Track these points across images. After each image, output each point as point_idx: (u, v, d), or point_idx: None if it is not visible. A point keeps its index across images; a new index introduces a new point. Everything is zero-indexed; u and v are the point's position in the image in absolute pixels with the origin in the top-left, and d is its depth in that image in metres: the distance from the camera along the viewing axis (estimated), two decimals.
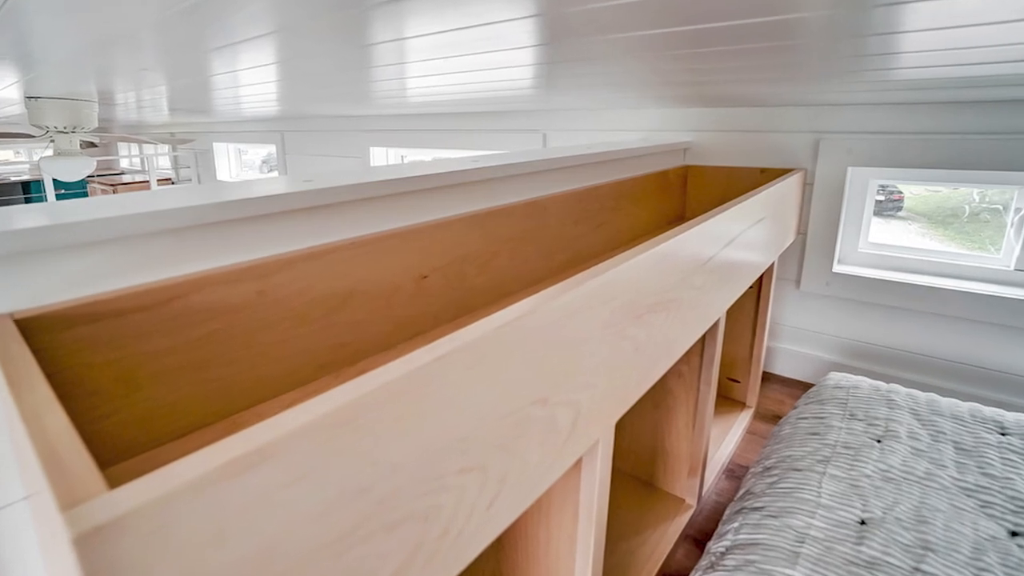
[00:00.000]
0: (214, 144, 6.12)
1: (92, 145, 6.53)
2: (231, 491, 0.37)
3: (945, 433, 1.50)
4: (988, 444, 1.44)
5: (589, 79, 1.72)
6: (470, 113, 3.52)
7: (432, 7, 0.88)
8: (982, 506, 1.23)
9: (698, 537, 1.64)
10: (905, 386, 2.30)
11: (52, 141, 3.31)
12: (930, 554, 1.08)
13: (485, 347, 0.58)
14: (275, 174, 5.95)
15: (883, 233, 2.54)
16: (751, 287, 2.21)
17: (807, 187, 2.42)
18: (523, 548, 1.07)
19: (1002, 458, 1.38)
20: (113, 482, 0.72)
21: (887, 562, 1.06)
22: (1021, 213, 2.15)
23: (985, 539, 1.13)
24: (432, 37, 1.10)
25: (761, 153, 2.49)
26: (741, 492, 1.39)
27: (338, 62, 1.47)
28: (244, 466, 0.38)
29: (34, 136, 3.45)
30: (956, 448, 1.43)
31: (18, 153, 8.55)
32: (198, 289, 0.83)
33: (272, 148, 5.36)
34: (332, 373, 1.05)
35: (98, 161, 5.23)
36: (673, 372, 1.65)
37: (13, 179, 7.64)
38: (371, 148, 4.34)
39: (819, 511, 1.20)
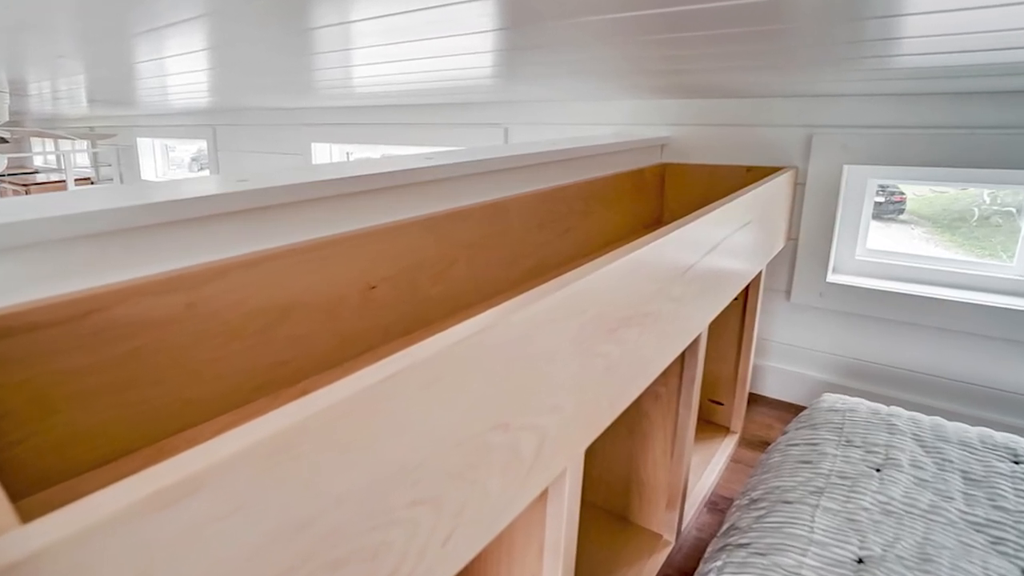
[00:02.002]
0: (138, 140, 6.15)
1: (3, 141, 6.47)
2: (158, 525, 0.38)
3: (952, 461, 1.52)
4: (1000, 473, 1.46)
5: (555, 67, 1.75)
6: (423, 105, 3.54)
7: None
8: (993, 543, 1.25)
9: None
10: (907, 409, 2.35)
11: None
12: None
13: (440, 365, 0.60)
14: (206, 173, 6.03)
15: (883, 239, 2.62)
16: (736, 299, 2.27)
17: (798, 187, 2.49)
18: None
19: (1015, 489, 1.40)
20: (26, 515, 0.73)
21: None
22: None
23: None
24: (380, 20, 1.12)
25: (747, 150, 2.56)
26: (725, 527, 1.42)
27: (276, 48, 1.48)
28: (173, 497, 0.39)
29: None
30: (964, 478, 1.46)
31: None
32: (121, 301, 0.84)
33: (203, 144, 5.45)
34: (270, 394, 1.07)
35: (9, 159, 5.15)
36: (649, 394, 1.69)
37: None
38: (313, 144, 4.38)
39: (812, 548, 1.23)
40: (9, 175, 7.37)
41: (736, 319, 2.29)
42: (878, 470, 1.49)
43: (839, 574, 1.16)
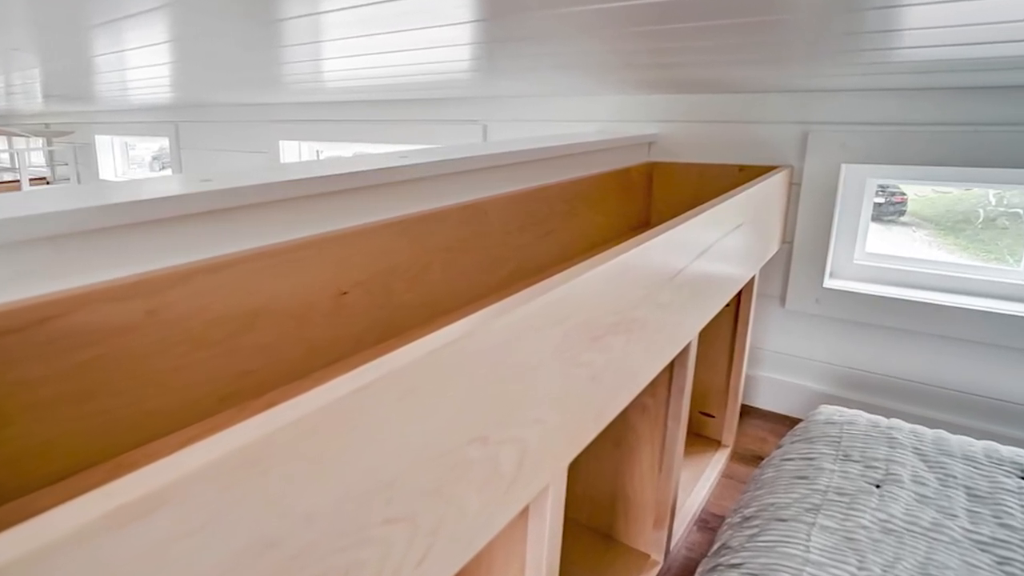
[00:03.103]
0: (96, 137, 6.18)
1: None
2: (118, 544, 0.39)
3: (955, 477, 1.54)
4: (1006, 490, 1.48)
5: (537, 61, 1.76)
6: (398, 101, 3.55)
7: None
8: (999, 563, 1.26)
9: None
10: (909, 421, 2.38)
11: None
12: None
13: (415, 376, 0.61)
14: (168, 172, 6.07)
15: (883, 242, 2.65)
16: (728, 306, 2.29)
17: (794, 188, 2.51)
18: None
19: (1023, 507, 1.42)
20: None
21: None
22: None
23: None
24: (351, 11, 1.12)
25: (739, 148, 2.59)
26: (716, 546, 1.43)
27: (242, 41, 1.48)
28: (133, 515, 0.39)
29: None
30: (968, 494, 1.48)
31: None
32: (79, 307, 0.84)
33: (165, 142, 5.50)
34: (236, 406, 1.07)
35: None
36: (636, 405, 1.70)
37: None
38: (281, 142, 4.41)
39: (808, 568, 1.24)
40: None
41: (728, 327, 2.31)
42: (878, 486, 1.51)
43: None
